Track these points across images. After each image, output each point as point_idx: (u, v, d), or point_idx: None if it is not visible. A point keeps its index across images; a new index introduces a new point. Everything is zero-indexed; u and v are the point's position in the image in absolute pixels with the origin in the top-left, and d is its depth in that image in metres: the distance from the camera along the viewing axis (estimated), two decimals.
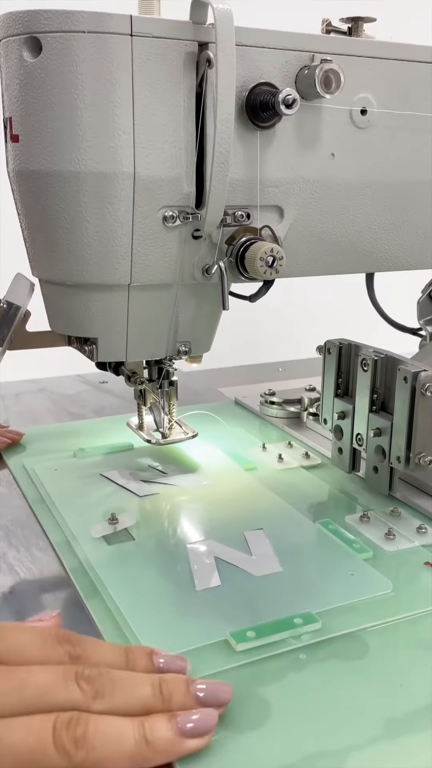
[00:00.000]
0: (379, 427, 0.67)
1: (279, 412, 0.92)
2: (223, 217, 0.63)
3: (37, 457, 0.80)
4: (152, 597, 0.55)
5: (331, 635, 0.51)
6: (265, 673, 0.47)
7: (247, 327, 1.27)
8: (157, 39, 0.57)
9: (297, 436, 0.86)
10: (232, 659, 0.48)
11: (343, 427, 0.72)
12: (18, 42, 0.57)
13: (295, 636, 0.50)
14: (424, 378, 0.62)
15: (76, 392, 1.07)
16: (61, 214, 0.61)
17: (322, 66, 0.62)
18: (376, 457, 0.69)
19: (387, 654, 0.50)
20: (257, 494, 0.72)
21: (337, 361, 0.72)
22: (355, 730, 0.43)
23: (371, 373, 0.67)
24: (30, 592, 0.58)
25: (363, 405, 0.69)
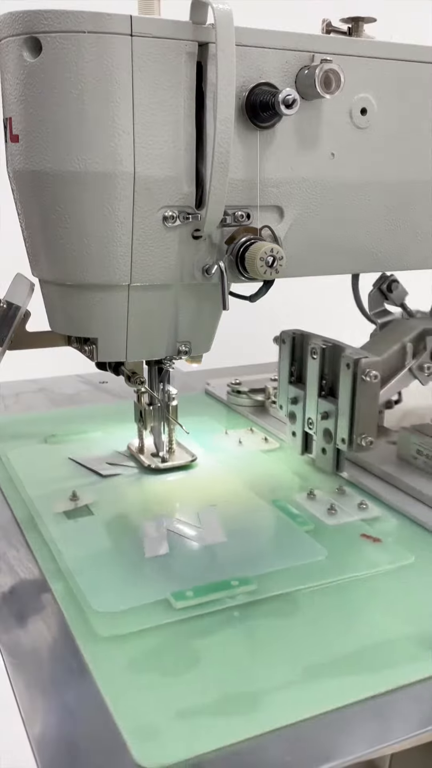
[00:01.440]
0: (327, 410, 0.73)
1: (245, 400, 0.97)
2: (223, 217, 0.63)
3: (9, 443, 0.84)
4: (105, 564, 0.60)
5: (264, 596, 0.56)
6: (200, 628, 0.53)
7: (247, 327, 1.27)
8: (157, 39, 0.57)
9: (259, 423, 0.91)
10: (171, 615, 0.54)
11: (296, 411, 0.78)
12: (18, 42, 0.57)
13: (231, 596, 0.56)
14: (364, 364, 0.68)
15: (76, 392, 1.07)
16: (61, 214, 0.61)
17: (322, 66, 0.62)
18: (324, 439, 0.75)
19: (313, 613, 0.55)
20: (215, 476, 0.77)
21: (291, 350, 0.78)
22: (273, 676, 0.48)
23: (320, 360, 0.73)
24: (30, 591, 0.58)
25: (312, 391, 0.75)
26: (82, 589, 0.56)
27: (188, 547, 0.63)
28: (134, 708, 0.45)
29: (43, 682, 0.48)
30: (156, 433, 0.79)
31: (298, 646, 0.51)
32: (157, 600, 0.55)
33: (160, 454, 0.79)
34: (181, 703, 0.46)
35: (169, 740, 0.43)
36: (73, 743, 0.43)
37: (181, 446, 0.81)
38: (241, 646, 0.51)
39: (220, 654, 0.50)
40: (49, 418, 0.94)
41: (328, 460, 0.75)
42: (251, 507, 0.70)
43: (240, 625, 0.53)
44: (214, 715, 0.45)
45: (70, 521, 0.67)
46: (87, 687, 0.47)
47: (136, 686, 0.47)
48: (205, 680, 0.48)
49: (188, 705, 0.45)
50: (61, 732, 0.44)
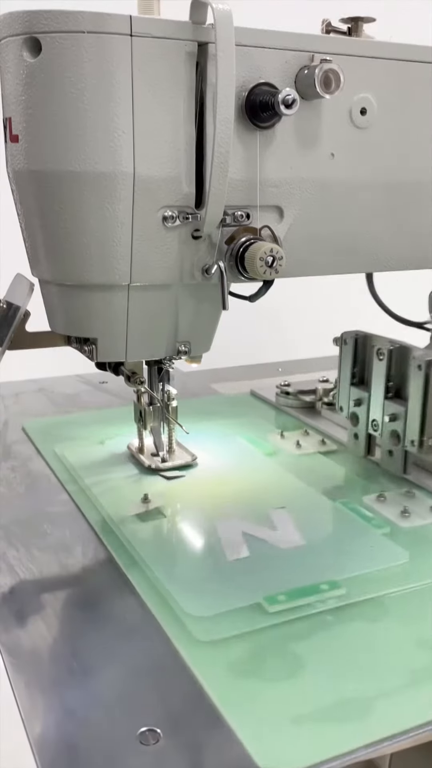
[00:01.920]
0: (394, 412, 0.72)
1: (294, 402, 0.96)
2: (223, 217, 0.63)
3: (65, 443, 0.85)
4: (187, 567, 0.61)
5: (354, 600, 0.56)
6: (296, 632, 0.53)
7: (246, 327, 1.27)
8: (156, 39, 0.57)
9: (313, 424, 0.91)
10: (265, 620, 0.54)
11: (359, 413, 0.77)
12: (18, 42, 0.57)
13: (321, 600, 0.56)
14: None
15: (76, 392, 1.07)
16: (61, 214, 0.61)
17: (322, 66, 0.62)
18: (390, 441, 0.74)
19: (405, 616, 0.55)
20: (279, 477, 0.77)
21: (353, 352, 0.77)
22: (381, 680, 0.48)
23: (386, 362, 0.72)
24: (30, 591, 0.58)
25: (378, 392, 0.74)
26: (174, 596, 0.56)
27: (267, 550, 0.63)
28: (246, 712, 0.45)
29: (43, 682, 0.48)
30: (156, 433, 0.79)
31: (399, 650, 0.51)
32: (248, 604, 0.55)
33: (159, 454, 0.79)
34: (295, 709, 0.45)
35: (289, 746, 0.42)
36: (73, 744, 0.43)
37: (180, 446, 0.81)
38: (341, 651, 0.51)
39: (321, 658, 0.50)
40: (95, 419, 0.95)
41: (396, 462, 0.74)
42: (321, 508, 0.71)
43: (335, 628, 0.53)
44: (330, 722, 0.45)
45: (145, 525, 0.67)
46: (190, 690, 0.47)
47: (242, 691, 0.47)
48: (313, 686, 0.48)
49: (302, 711, 0.45)
50: (61, 733, 0.44)
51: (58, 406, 1.01)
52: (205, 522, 0.67)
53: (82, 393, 1.07)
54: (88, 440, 0.86)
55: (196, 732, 0.44)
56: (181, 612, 0.54)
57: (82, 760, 0.42)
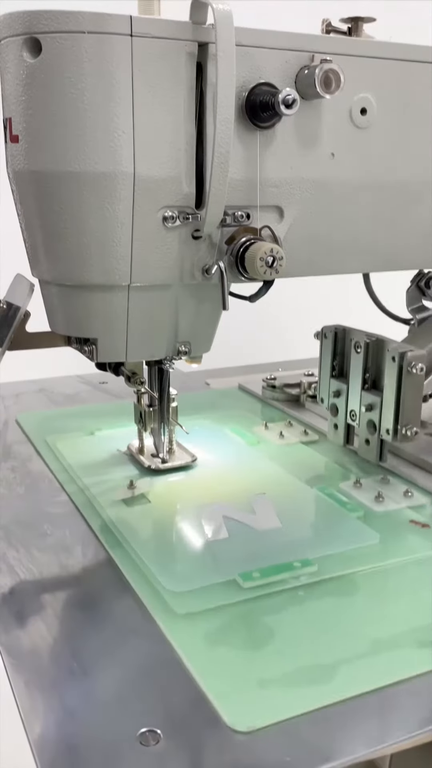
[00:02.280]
0: (371, 402, 0.75)
1: (280, 395, 1.00)
2: (223, 217, 0.63)
3: (57, 435, 0.88)
4: (169, 548, 0.64)
5: (324, 577, 0.59)
6: (269, 606, 0.56)
7: (246, 327, 1.27)
8: (157, 39, 0.57)
9: (296, 416, 0.94)
10: (240, 595, 0.57)
11: (338, 404, 0.81)
12: (18, 42, 0.57)
13: (294, 577, 0.59)
14: (410, 357, 0.71)
15: (76, 392, 1.07)
16: (60, 215, 0.61)
17: (322, 66, 0.62)
18: (367, 430, 0.77)
19: (374, 593, 0.58)
20: (261, 466, 0.81)
21: (333, 345, 0.80)
22: (345, 649, 0.51)
23: (363, 354, 0.75)
24: (30, 592, 0.58)
25: (356, 383, 0.77)
26: (155, 573, 0.59)
27: (246, 532, 0.66)
28: (218, 677, 0.48)
29: (43, 682, 0.48)
30: (156, 434, 0.79)
31: (363, 622, 0.54)
32: (225, 580, 0.58)
33: (159, 455, 0.79)
34: (262, 674, 0.49)
35: (256, 706, 0.46)
36: (72, 744, 0.43)
37: (181, 447, 0.81)
38: (311, 623, 0.54)
39: (291, 630, 0.53)
40: (90, 411, 0.98)
41: (372, 451, 0.77)
42: (300, 494, 0.74)
43: (306, 603, 0.56)
44: (295, 685, 0.48)
45: (129, 509, 0.70)
46: (168, 658, 0.50)
47: (216, 658, 0.50)
48: (280, 653, 0.51)
49: (269, 675, 0.49)
50: (61, 732, 0.44)
51: (58, 406, 1.01)
52: (188, 507, 0.70)
53: (82, 393, 1.07)
54: (80, 431, 0.89)
55: (196, 733, 0.44)
56: (161, 587, 0.57)
57: (82, 761, 0.42)
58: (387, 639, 0.52)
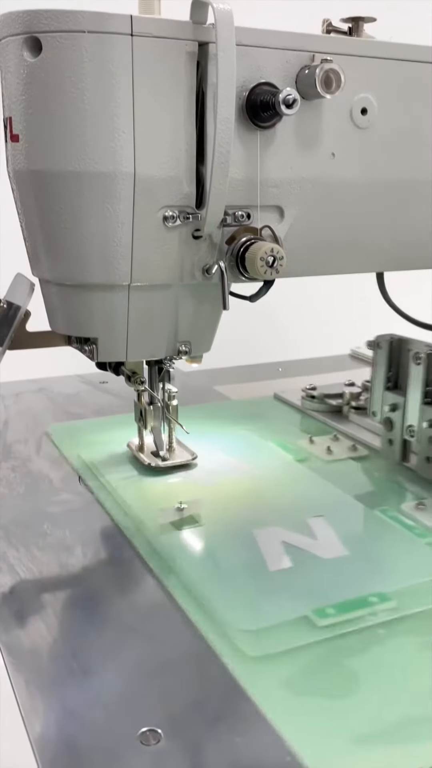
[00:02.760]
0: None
1: (320, 406, 0.95)
2: (224, 217, 0.63)
3: (90, 449, 0.83)
4: (227, 577, 0.59)
5: (406, 613, 0.54)
6: (349, 647, 0.51)
7: (247, 327, 1.27)
8: (157, 39, 0.57)
9: (342, 429, 0.89)
10: (315, 634, 0.52)
11: (393, 419, 0.76)
12: (18, 42, 0.57)
13: (372, 613, 0.54)
14: None
15: (76, 392, 1.07)
16: (61, 214, 0.61)
17: (323, 66, 0.62)
18: (429, 447, 0.72)
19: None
20: (313, 483, 0.76)
21: (388, 356, 0.76)
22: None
23: (424, 366, 0.71)
24: (30, 591, 0.58)
25: (415, 397, 0.72)
26: (216, 608, 0.54)
27: (309, 560, 0.61)
28: (307, 732, 0.43)
29: (43, 682, 0.48)
30: (156, 432, 0.79)
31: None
32: (296, 617, 0.53)
33: (160, 453, 0.79)
34: (358, 728, 0.43)
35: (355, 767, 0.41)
36: (73, 744, 0.43)
37: (181, 444, 0.81)
38: (398, 666, 0.49)
39: (377, 674, 0.48)
40: (114, 423, 0.92)
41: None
42: (360, 517, 0.69)
43: (388, 642, 0.51)
44: (395, 742, 0.42)
45: (180, 534, 0.65)
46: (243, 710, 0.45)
47: (301, 709, 0.45)
48: (374, 702, 0.45)
49: (366, 730, 0.43)
50: (61, 732, 0.44)
51: (58, 406, 1.01)
52: (243, 531, 0.65)
53: (82, 393, 1.07)
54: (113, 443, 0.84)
55: (196, 733, 0.44)
56: (228, 626, 0.52)
57: (83, 760, 0.42)
58: None
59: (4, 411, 0.99)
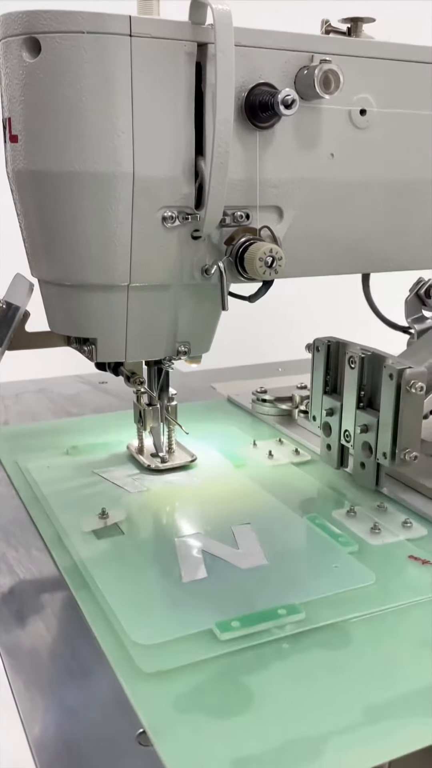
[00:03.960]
0: (366, 423, 0.69)
1: (270, 409, 0.93)
2: (223, 218, 0.63)
3: (29, 455, 0.81)
4: (140, 589, 0.57)
5: (314, 626, 0.52)
6: (249, 662, 0.49)
7: (246, 327, 1.27)
8: (156, 39, 0.57)
9: (287, 433, 0.87)
10: (216, 648, 0.50)
11: (331, 423, 0.74)
12: (18, 42, 0.57)
13: (279, 626, 0.52)
14: (409, 375, 0.64)
15: (76, 392, 1.07)
16: (60, 214, 0.61)
17: (322, 66, 0.62)
18: (363, 453, 0.70)
19: (369, 644, 0.51)
20: (247, 490, 0.74)
21: (326, 359, 0.74)
22: (335, 717, 0.44)
23: (358, 370, 0.69)
24: (29, 592, 0.58)
25: (350, 402, 0.70)
26: (122, 622, 0.52)
27: (227, 570, 0.59)
28: (188, 755, 0.41)
29: (43, 682, 0.48)
30: (155, 433, 0.79)
31: (357, 683, 0.47)
32: (199, 631, 0.52)
33: (159, 454, 0.79)
34: (238, 750, 0.42)
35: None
36: (72, 744, 0.43)
37: (180, 446, 0.81)
38: (295, 683, 0.47)
39: (272, 692, 0.46)
40: (67, 427, 0.91)
41: (368, 476, 0.71)
42: (288, 524, 0.67)
43: (291, 657, 0.49)
44: (275, 765, 0.41)
45: (100, 543, 0.63)
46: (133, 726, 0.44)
47: (186, 728, 0.43)
48: (261, 724, 0.44)
49: (246, 752, 0.42)
50: (60, 732, 0.44)
51: (57, 406, 1.01)
52: (165, 539, 0.64)
53: (82, 393, 1.07)
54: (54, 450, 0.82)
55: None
56: (127, 639, 0.51)
57: (81, 761, 0.42)
58: (385, 704, 0.45)
59: (4, 411, 0.99)
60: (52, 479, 0.75)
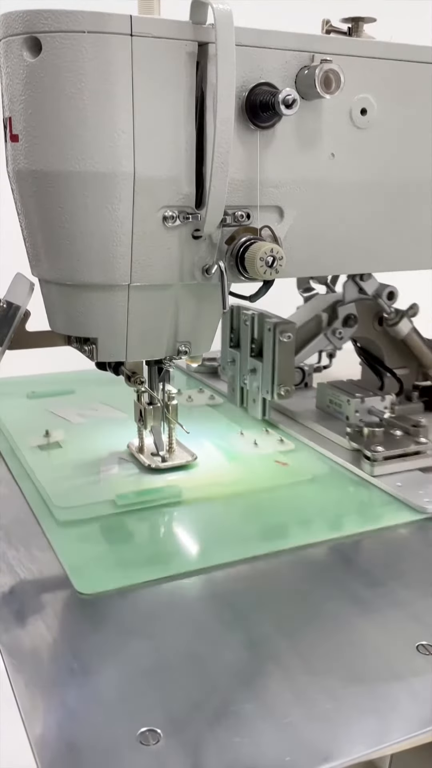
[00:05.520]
0: (255, 367, 0.89)
1: (201, 368, 1.14)
2: (223, 217, 0.63)
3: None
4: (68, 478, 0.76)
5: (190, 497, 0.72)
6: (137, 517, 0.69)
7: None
8: (157, 39, 0.57)
9: (210, 384, 1.08)
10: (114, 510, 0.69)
11: (234, 371, 0.94)
12: (18, 42, 0.57)
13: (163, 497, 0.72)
14: (281, 327, 0.84)
15: None
16: (61, 214, 0.61)
17: (322, 66, 0.62)
18: (253, 391, 0.91)
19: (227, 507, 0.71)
20: None
21: (230, 320, 0.93)
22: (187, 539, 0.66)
23: (250, 327, 0.89)
24: (30, 591, 0.58)
25: (245, 352, 0.90)
26: (49, 493, 0.71)
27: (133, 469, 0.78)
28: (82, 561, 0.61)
29: (43, 682, 0.48)
30: (156, 432, 0.79)
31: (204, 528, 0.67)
32: (106, 499, 0.70)
33: (160, 453, 0.79)
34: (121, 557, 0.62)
35: (104, 578, 0.58)
36: (73, 743, 0.43)
37: (181, 446, 0.81)
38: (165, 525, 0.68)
39: (148, 532, 0.67)
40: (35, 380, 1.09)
41: (257, 408, 0.91)
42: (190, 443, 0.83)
43: (164, 513, 0.69)
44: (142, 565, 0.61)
45: (43, 452, 0.82)
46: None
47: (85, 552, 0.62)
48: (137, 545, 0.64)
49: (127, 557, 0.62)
50: (61, 732, 0.44)
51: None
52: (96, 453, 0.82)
53: None
54: None
55: (196, 733, 0.44)
56: (51, 504, 0.69)
57: (82, 760, 0.42)
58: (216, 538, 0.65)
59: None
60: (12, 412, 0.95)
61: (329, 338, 0.96)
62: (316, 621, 0.55)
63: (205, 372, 1.12)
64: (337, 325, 0.95)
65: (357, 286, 0.92)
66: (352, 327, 0.95)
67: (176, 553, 0.64)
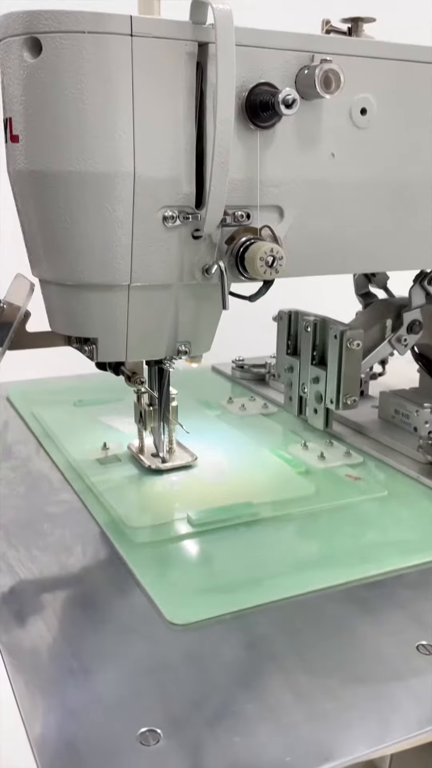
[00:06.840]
0: (317, 375, 0.85)
1: (247, 374, 1.11)
2: (223, 217, 0.63)
3: (43, 406, 0.98)
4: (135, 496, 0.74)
5: (262, 516, 0.70)
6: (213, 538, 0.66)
7: (246, 327, 1.27)
8: (157, 39, 0.57)
9: (260, 392, 1.05)
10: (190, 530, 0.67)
11: (292, 379, 0.90)
12: (18, 42, 0.57)
13: (237, 516, 0.69)
14: (349, 334, 0.81)
15: None
16: (61, 214, 0.61)
17: (322, 66, 0.62)
18: (315, 400, 0.87)
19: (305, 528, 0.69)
20: (223, 432, 0.91)
21: (287, 326, 0.90)
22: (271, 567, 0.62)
23: (312, 333, 0.85)
24: (29, 592, 0.58)
25: (306, 359, 0.87)
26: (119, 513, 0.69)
27: (200, 480, 0.77)
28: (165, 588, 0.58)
29: (43, 682, 0.48)
30: (156, 433, 0.79)
31: (289, 549, 0.65)
32: (179, 517, 0.69)
33: (160, 454, 0.79)
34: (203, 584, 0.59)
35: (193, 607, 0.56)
36: (72, 743, 0.43)
37: (181, 446, 0.81)
38: (244, 549, 0.65)
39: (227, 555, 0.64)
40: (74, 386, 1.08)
41: (320, 419, 0.87)
42: (252, 453, 0.84)
43: (243, 533, 0.67)
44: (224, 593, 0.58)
45: (102, 466, 0.80)
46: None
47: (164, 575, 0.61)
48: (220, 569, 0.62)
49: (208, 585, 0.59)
50: (60, 732, 0.44)
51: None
52: None
53: None
54: None
55: (196, 733, 0.44)
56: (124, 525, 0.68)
57: (82, 760, 0.42)
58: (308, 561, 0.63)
59: (4, 411, 0.99)
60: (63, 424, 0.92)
61: (393, 345, 0.89)
62: (316, 621, 0.55)
63: (252, 379, 1.10)
64: (402, 332, 0.88)
65: (424, 291, 0.86)
66: (417, 333, 0.88)
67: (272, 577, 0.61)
